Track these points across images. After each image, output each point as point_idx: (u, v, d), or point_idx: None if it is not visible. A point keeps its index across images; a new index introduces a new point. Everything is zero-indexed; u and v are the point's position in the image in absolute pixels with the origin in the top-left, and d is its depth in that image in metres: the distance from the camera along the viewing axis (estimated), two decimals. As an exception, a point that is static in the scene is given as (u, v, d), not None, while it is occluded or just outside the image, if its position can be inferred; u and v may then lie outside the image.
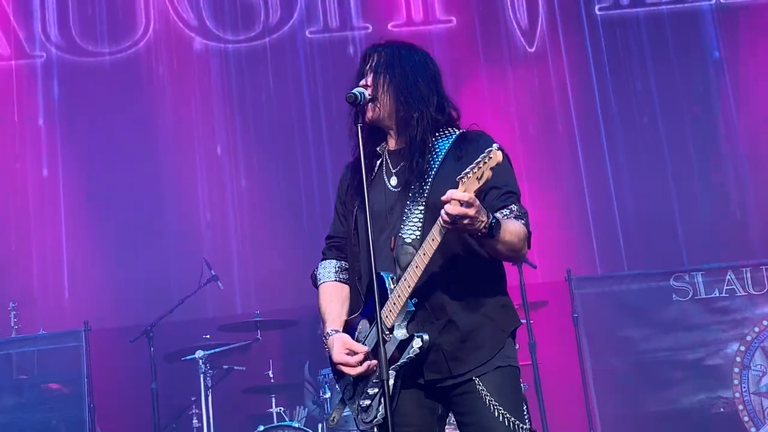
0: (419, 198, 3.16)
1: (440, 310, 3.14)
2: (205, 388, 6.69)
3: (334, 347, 3.22)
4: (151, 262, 8.12)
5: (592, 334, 6.97)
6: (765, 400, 6.96)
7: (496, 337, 3.17)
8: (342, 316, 3.34)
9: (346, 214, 3.41)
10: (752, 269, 7.15)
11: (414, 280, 3.05)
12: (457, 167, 3.04)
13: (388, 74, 3.26)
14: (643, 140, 8.67)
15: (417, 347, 3.06)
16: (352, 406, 3.24)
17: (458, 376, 3.13)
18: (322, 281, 3.43)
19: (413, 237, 3.13)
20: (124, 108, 8.53)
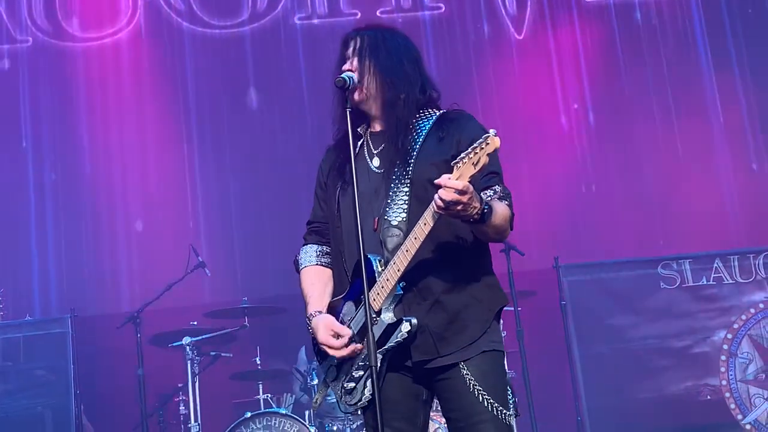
0: (404, 179, 3.16)
1: (427, 291, 3.13)
2: (192, 375, 6.68)
3: (319, 328, 3.22)
4: (137, 248, 8.09)
5: (579, 322, 6.97)
6: (752, 388, 6.98)
7: (483, 317, 3.17)
8: (325, 298, 3.32)
9: (327, 198, 3.39)
10: (739, 257, 7.16)
11: (404, 263, 3.04)
12: (440, 147, 3.15)
13: (373, 57, 3.28)
14: (632, 128, 8.67)
15: (405, 331, 3.06)
16: (336, 387, 3.24)
17: (446, 356, 3.12)
18: (304, 265, 3.42)
19: (399, 219, 3.13)
20: (110, 93, 8.49)
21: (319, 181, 3.46)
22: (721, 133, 8.67)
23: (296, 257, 3.49)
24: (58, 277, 8.08)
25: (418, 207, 3.08)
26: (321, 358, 3.31)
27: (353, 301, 3.21)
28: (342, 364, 3.21)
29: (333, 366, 3.25)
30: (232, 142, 8.48)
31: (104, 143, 8.40)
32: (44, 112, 8.49)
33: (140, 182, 8.35)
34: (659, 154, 8.60)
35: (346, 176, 3.26)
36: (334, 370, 3.24)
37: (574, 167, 8.56)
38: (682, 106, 8.74)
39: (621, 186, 8.52)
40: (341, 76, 3.20)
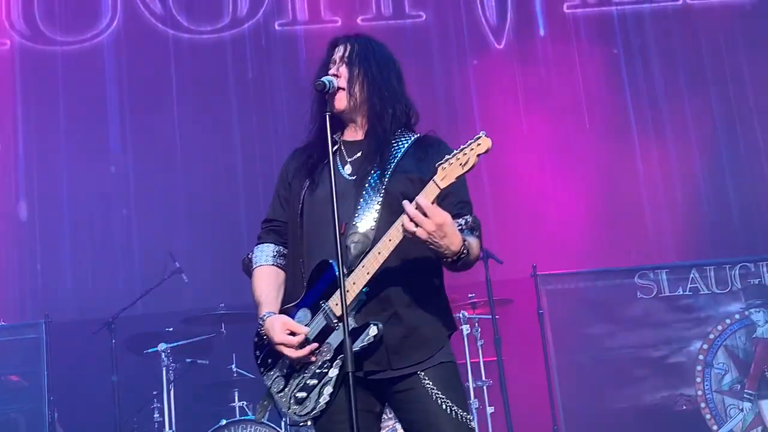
0: (378, 189, 3.14)
1: (387, 302, 3.10)
2: (167, 382, 6.63)
3: (275, 328, 3.11)
4: (114, 254, 8.04)
5: (556, 331, 6.99)
6: (727, 399, 7.00)
7: (440, 335, 3.17)
8: (278, 301, 3.24)
9: (290, 198, 3.32)
10: (716, 268, 7.20)
11: (375, 267, 3.02)
12: (419, 166, 3.15)
13: (363, 67, 3.27)
14: (611, 138, 8.70)
15: (372, 335, 3.02)
16: (282, 398, 3.16)
17: (397, 370, 3.09)
18: (259, 264, 3.31)
19: (368, 227, 3.10)
20: (86, 98, 8.45)
21: (283, 180, 3.39)
22: (696, 145, 8.72)
23: (248, 255, 3.39)
24: (32, 282, 8.00)
25: (389, 218, 3.07)
26: (265, 369, 3.21)
27: (309, 308, 3.13)
28: (291, 373, 3.14)
29: (279, 376, 3.16)
30: (206, 145, 8.43)
31: (83, 146, 8.34)
32: (22, 115, 8.43)
33: (117, 187, 8.30)
34: (641, 163, 8.63)
35: (316, 178, 3.24)
36: (281, 380, 3.16)
37: (551, 176, 8.58)
38: (659, 117, 8.78)
39: (600, 195, 8.54)
40: (321, 79, 3.17)
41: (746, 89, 8.79)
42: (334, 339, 3.06)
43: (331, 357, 3.07)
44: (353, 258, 3.06)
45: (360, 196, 3.15)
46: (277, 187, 3.41)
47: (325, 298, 3.09)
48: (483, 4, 8.96)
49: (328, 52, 3.36)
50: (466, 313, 6.78)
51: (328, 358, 3.07)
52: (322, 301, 3.10)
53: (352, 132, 3.33)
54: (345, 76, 3.26)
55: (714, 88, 8.82)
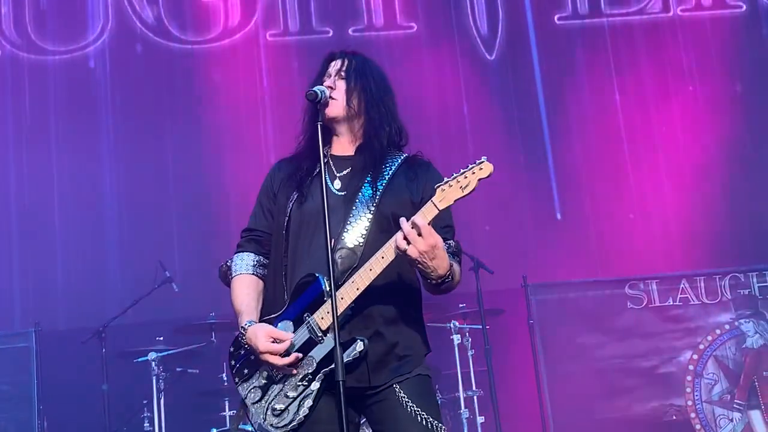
0: (369, 207, 3.17)
1: (370, 319, 3.12)
2: (157, 391, 6.63)
3: (258, 336, 3.08)
4: (104, 262, 8.03)
5: (547, 341, 7.00)
6: (717, 409, 7.02)
7: (417, 355, 3.20)
8: (258, 311, 3.22)
9: (274, 210, 3.31)
10: (706, 278, 7.22)
11: (365, 284, 3.04)
12: (409, 186, 3.21)
13: (361, 81, 3.29)
14: (602, 150, 8.73)
15: (359, 350, 3.04)
16: (259, 409, 3.13)
17: (376, 387, 3.12)
18: (239, 273, 3.29)
19: (356, 243, 3.12)
20: (77, 107, 8.45)
21: (266, 190, 3.37)
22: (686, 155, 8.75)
23: (226, 262, 3.38)
24: (22, 290, 7.98)
25: (377, 235, 3.11)
26: (240, 379, 3.18)
27: (291, 320, 3.12)
28: (269, 384, 3.13)
29: (256, 387, 3.14)
30: (197, 156, 8.43)
31: (74, 155, 8.33)
32: (13, 124, 8.42)
33: (108, 196, 8.29)
34: (631, 173, 8.66)
35: (304, 191, 3.23)
36: (258, 391, 3.14)
37: (544, 188, 8.60)
38: (649, 127, 8.81)
39: (589, 206, 8.56)
40: (313, 89, 3.18)
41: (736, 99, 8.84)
42: (317, 353, 3.07)
43: (313, 370, 3.07)
44: (340, 273, 3.07)
45: (349, 212, 3.16)
46: (260, 197, 3.39)
47: (309, 311, 3.09)
48: (474, 16, 9.00)
49: (324, 65, 3.37)
50: (456, 323, 6.78)
51: (310, 372, 3.07)
52: (306, 314, 3.09)
53: (342, 146, 3.33)
54: (342, 88, 3.27)
55: (702, 98, 8.86)
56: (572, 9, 9.05)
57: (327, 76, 3.32)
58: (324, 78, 3.32)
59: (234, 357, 3.21)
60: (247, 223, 3.40)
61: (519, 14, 9.06)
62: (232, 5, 8.87)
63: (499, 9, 9.00)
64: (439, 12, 9.03)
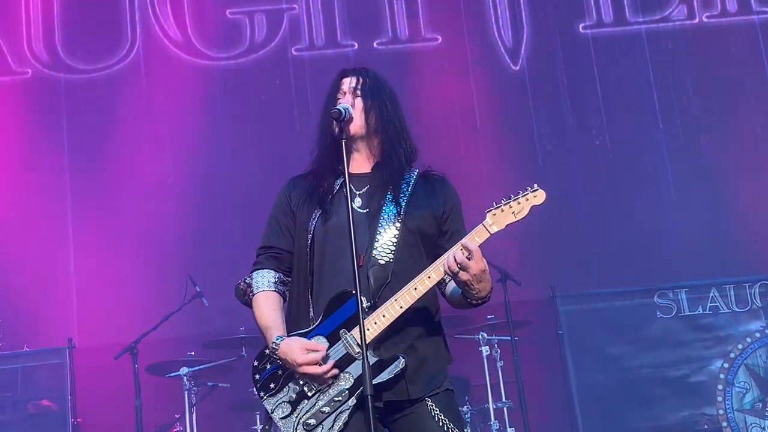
0: (394, 222, 3.21)
1: (405, 334, 3.17)
2: (189, 405, 6.68)
3: (294, 350, 3.09)
4: (135, 278, 8.09)
5: (576, 351, 6.98)
6: (748, 417, 6.98)
7: (444, 366, 3.29)
8: (285, 326, 3.22)
9: (292, 227, 3.32)
10: (736, 286, 7.19)
11: (408, 303, 3.09)
12: (429, 201, 3.29)
13: (377, 99, 3.31)
14: (626, 157, 8.71)
15: (401, 368, 3.09)
16: (288, 424, 3.12)
17: (413, 400, 3.17)
18: (261, 289, 3.29)
19: (387, 259, 3.17)
20: (108, 125, 8.53)
21: (282, 208, 3.37)
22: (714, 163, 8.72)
23: (244, 280, 3.37)
24: (56, 308, 8.06)
25: (406, 251, 3.19)
26: (266, 393, 3.18)
27: (325, 336, 3.14)
28: (300, 400, 3.13)
29: (285, 402, 3.14)
30: (228, 170, 8.49)
31: (104, 172, 8.41)
32: (48, 142, 8.52)
33: (138, 211, 8.36)
34: (656, 181, 8.63)
35: (327, 208, 3.25)
36: (287, 406, 3.14)
37: (570, 197, 8.59)
38: (674, 135, 8.79)
39: (618, 215, 8.54)
40: (337, 107, 3.21)
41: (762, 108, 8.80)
42: (354, 369, 3.09)
43: (350, 386, 3.10)
44: (375, 290, 3.13)
45: (375, 228, 3.21)
46: (276, 214, 3.39)
47: (346, 328, 3.12)
48: (498, 26, 9.02)
49: (336, 83, 3.39)
50: (485, 334, 6.79)
51: (347, 387, 3.10)
52: (342, 330, 3.12)
53: (358, 164, 3.35)
54: (359, 106, 3.30)
55: (729, 106, 8.82)
56: (597, 17, 9.05)
57: (342, 94, 3.35)
58: (338, 96, 3.35)
59: (258, 371, 3.22)
60: (262, 241, 3.40)
61: (543, 24, 9.07)
62: (258, 21, 8.94)
63: (524, 19, 9.01)
64: (463, 24, 9.05)
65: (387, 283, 3.14)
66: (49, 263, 8.19)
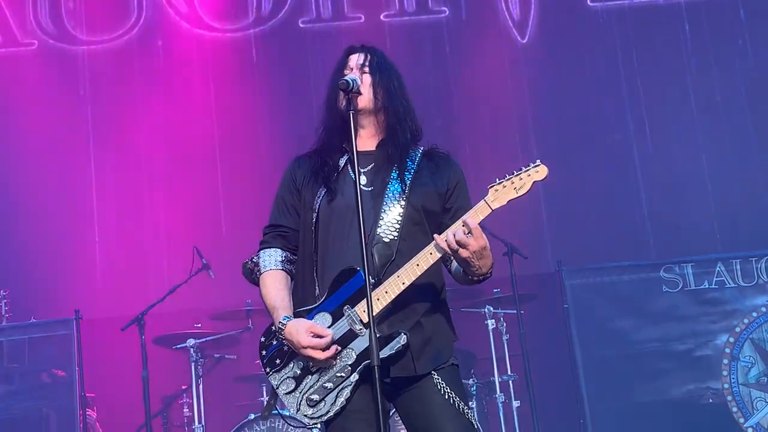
0: (399, 200, 3.24)
1: (411, 311, 3.21)
2: (196, 377, 6.70)
3: (299, 332, 3.13)
4: (142, 250, 8.11)
5: (581, 325, 6.98)
6: (754, 391, 6.99)
7: (449, 343, 3.33)
8: (292, 306, 3.27)
9: (299, 206, 3.35)
10: (742, 261, 7.17)
11: (411, 279, 3.13)
12: (434, 179, 3.31)
13: (385, 76, 3.33)
14: (637, 131, 8.68)
15: (402, 343, 3.12)
16: (292, 399, 3.19)
17: (419, 376, 3.22)
18: (268, 268, 3.33)
19: (391, 237, 3.20)
20: (115, 96, 8.53)
21: (288, 187, 3.41)
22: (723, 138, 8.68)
23: (251, 259, 3.40)
24: (63, 279, 8.08)
25: (411, 228, 3.22)
26: (271, 369, 3.23)
27: (330, 312, 3.18)
28: (304, 375, 3.18)
29: (289, 378, 3.20)
30: (233, 142, 8.49)
31: (110, 144, 8.42)
32: (50, 114, 8.50)
33: (145, 184, 8.37)
34: (663, 158, 8.61)
35: (332, 186, 3.28)
36: (291, 381, 3.19)
37: (578, 172, 8.57)
38: (685, 108, 8.75)
39: (624, 190, 8.53)
40: (345, 78, 3.23)
41: None
42: (357, 345, 3.14)
43: (353, 362, 3.14)
44: (379, 267, 3.17)
45: (380, 206, 3.24)
46: (282, 193, 3.42)
47: (350, 304, 3.16)
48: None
49: (343, 58, 3.41)
50: (491, 308, 6.80)
51: (350, 363, 3.14)
52: (346, 307, 3.16)
53: (363, 141, 3.36)
54: (367, 82, 3.31)
55: (742, 77, 8.78)
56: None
57: (348, 69, 3.35)
58: (345, 71, 3.35)
59: (265, 347, 3.26)
60: (269, 220, 3.44)
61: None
62: (265, -7, 8.90)
63: (532, -8, 8.96)
64: (471, -4, 9.00)
65: (392, 260, 3.18)
66: (56, 235, 8.20)
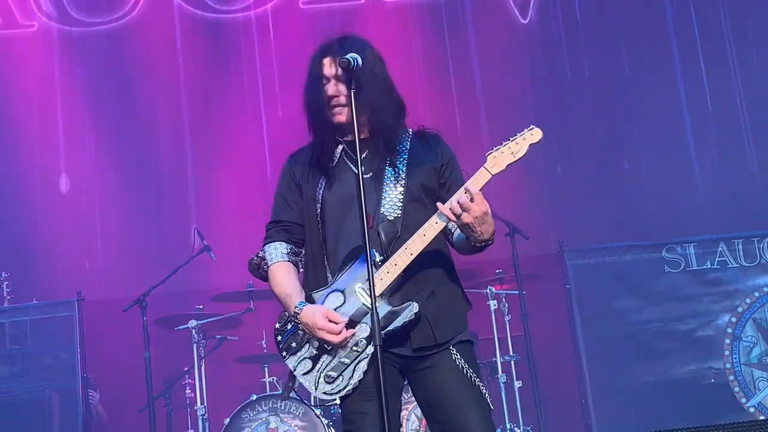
0: (397, 181, 3.34)
1: (424, 282, 3.31)
2: (198, 358, 6.72)
3: (315, 316, 3.22)
4: (143, 232, 8.11)
5: (583, 305, 6.99)
6: (756, 371, 6.99)
7: (464, 312, 3.43)
8: (303, 292, 3.35)
9: (300, 201, 3.44)
10: (744, 241, 7.16)
11: (418, 249, 3.22)
12: (428, 156, 3.42)
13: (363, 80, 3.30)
14: (638, 112, 8.65)
15: (414, 312, 3.21)
16: (310, 379, 3.27)
17: (441, 344, 3.30)
18: (275, 261, 3.44)
19: (395, 215, 3.30)
20: (116, 77, 8.50)
21: (288, 185, 3.50)
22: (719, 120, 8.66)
23: (257, 254, 3.52)
24: (64, 261, 8.09)
25: (412, 205, 3.32)
26: (288, 353, 3.32)
27: (341, 292, 3.28)
28: (320, 355, 3.27)
29: (306, 358, 3.28)
30: (234, 124, 8.48)
31: (112, 126, 8.41)
32: (52, 94, 8.48)
33: (145, 165, 8.36)
34: (667, 136, 8.58)
35: (331, 176, 3.37)
36: (308, 362, 3.28)
37: (580, 152, 8.55)
38: (688, 92, 8.72)
39: (626, 170, 8.51)
40: (346, 57, 3.24)
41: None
42: (369, 319, 3.19)
43: (367, 335, 3.22)
44: (386, 244, 3.26)
45: (380, 189, 3.33)
46: (281, 191, 3.51)
47: (360, 281, 3.25)
48: (508, -22, 8.92)
49: (317, 62, 3.41)
50: (493, 288, 6.80)
51: (364, 336, 3.23)
52: (357, 284, 3.26)
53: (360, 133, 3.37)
54: (344, 93, 3.33)
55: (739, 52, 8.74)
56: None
57: (326, 80, 3.37)
58: (324, 82, 3.37)
59: (280, 332, 3.35)
60: (271, 217, 3.53)
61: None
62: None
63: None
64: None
65: (397, 236, 3.27)
66: (57, 216, 8.20)
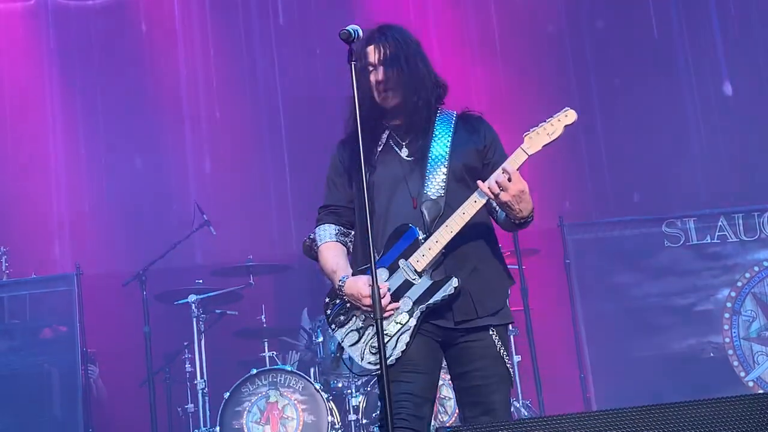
0: (441, 163, 3.48)
1: (465, 258, 3.44)
2: (197, 333, 6.72)
3: (359, 285, 3.39)
4: (143, 206, 8.10)
5: (583, 280, 7.00)
6: (755, 345, 7.01)
7: (506, 288, 3.57)
8: (350, 269, 3.52)
9: (347, 184, 3.62)
10: (744, 215, 7.16)
11: (458, 227, 3.35)
12: (471, 138, 3.56)
13: (396, 68, 3.49)
14: (640, 88, 8.61)
15: (454, 286, 3.35)
16: (356, 350, 3.42)
17: (483, 318, 3.43)
18: (324, 241, 3.62)
19: (438, 195, 3.44)
20: (115, 50, 8.46)
21: (336, 170, 3.67)
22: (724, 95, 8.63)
23: (309, 236, 3.71)
24: (63, 235, 8.08)
25: (455, 185, 3.46)
26: (336, 325, 3.48)
27: (386, 267, 3.43)
28: (366, 327, 3.42)
29: (353, 330, 3.44)
30: (234, 101, 8.44)
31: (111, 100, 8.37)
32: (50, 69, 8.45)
33: (145, 139, 8.33)
34: (665, 112, 8.54)
35: (373, 161, 3.53)
36: (355, 334, 3.43)
37: (581, 126, 8.50)
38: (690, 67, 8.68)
39: (625, 144, 8.48)
40: (346, 28, 3.31)
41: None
42: (413, 293, 3.38)
43: (409, 309, 3.38)
44: (429, 222, 3.40)
45: (424, 170, 3.48)
46: (331, 176, 3.70)
47: (404, 257, 3.41)
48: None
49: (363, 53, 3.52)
50: (493, 262, 6.78)
51: (407, 310, 3.38)
52: (401, 260, 3.40)
53: (397, 119, 3.59)
54: (384, 79, 3.49)
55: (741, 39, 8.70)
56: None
57: (372, 67, 3.52)
58: (371, 69, 3.52)
59: (330, 306, 3.52)
60: (323, 201, 3.71)
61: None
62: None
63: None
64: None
65: (440, 215, 3.40)
66: (57, 190, 8.18)
